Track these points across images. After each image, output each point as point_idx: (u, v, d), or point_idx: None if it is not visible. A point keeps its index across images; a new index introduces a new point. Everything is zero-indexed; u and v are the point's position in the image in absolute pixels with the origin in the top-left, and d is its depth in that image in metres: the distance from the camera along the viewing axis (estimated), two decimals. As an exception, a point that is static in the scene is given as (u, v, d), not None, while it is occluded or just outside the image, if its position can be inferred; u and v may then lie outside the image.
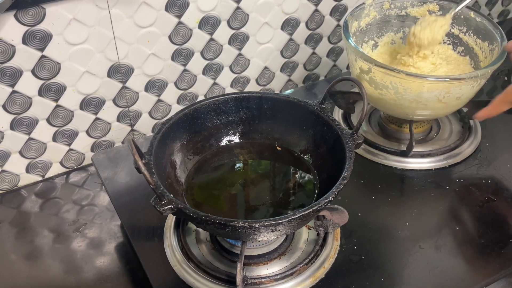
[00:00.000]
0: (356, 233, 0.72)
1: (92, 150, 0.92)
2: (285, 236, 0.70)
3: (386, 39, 0.95)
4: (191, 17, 0.87)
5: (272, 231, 0.57)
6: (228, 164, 0.73)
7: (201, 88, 0.98)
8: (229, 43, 0.94)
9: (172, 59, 0.90)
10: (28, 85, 0.79)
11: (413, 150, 0.84)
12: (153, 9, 0.82)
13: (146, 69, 0.88)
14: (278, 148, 0.74)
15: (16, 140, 0.83)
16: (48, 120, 0.84)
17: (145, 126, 0.96)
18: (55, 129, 0.86)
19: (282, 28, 0.99)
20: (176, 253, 0.68)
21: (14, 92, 0.78)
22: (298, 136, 0.74)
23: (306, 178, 0.71)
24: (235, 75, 1.00)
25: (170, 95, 0.95)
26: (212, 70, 0.96)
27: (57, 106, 0.83)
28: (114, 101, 0.89)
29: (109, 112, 0.90)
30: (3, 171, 0.85)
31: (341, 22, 1.05)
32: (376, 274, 0.67)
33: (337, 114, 0.95)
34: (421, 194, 0.79)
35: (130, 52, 0.85)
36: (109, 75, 0.85)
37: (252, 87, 1.04)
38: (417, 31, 0.83)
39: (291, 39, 1.02)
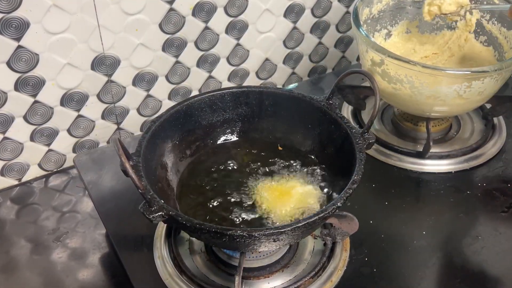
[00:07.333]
0: (367, 242, 0.72)
1: (74, 151, 0.92)
2: (288, 246, 0.70)
3: (400, 27, 0.95)
4: (183, 3, 0.87)
5: (274, 241, 0.57)
6: (225, 166, 0.73)
7: (195, 82, 0.98)
8: (226, 32, 0.94)
9: (163, 50, 0.90)
10: (3, 78, 0.79)
11: (431, 150, 0.84)
12: (141, -6, 0.83)
13: (134, 61, 0.88)
14: (280, 148, 0.74)
15: (-10, 140, 0.83)
16: (25, 118, 0.84)
17: (133, 124, 0.96)
18: (33, 127, 0.86)
19: (285, 16, 0.99)
20: (167, 265, 0.68)
21: (-13, 86, 0.79)
22: (303, 135, 0.74)
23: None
24: (232, 68, 1.00)
25: (161, 89, 0.95)
26: (207, 62, 0.96)
27: (35, 102, 0.84)
28: (98, 96, 0.89)
29: (92, 109, 0.90)
30: (-25, 174, 0.86)
31: (351, 9, 1.05)
32: (390, 289, 0.67)
33: (346, 110, 0.95)
34: (440, 199, 0.79)
35: (116, 42, 0.85)
36: (93, 68, 0.85)
37: (252, 81, 1.04)
38: None
39: (295, 28, 1.02)
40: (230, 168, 0.73)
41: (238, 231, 0.54)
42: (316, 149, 0.73)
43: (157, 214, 0.56)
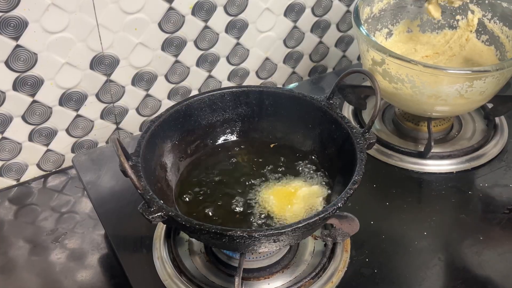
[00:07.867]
0: (368, 243, 0.72)
1: (72, 151, 0.92)
2: (288, 247, 0.70)
3: (401, 27, 0.95)
4: (183, 2, 0.87)
5: (274, 242, 0.57)
6: (224, 166, 0.73)
7: (195, 82, 0.98)
8: (226, 31, 0.94)
9: (162, 49, 0.90)
10: (1, 78, 0.79)
11: (432, 151, 0.84)
12: (141, -7, 0.83)
13: (133, 60, 0.88)
14: (270, 146, 0.75)
15: (-12, 140, 0.83)
16: (23, 118, 0.84)
17: (132, 124, 0.96)
18: (31, 127, 0.86)
19: (285, 15, 0.99)
20: (166, 266, 0.68)
21: (-15, 86, 0.79)
22: (303, 135, 0.74)
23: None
24: (232, 67, 1.00)
25: (160, 89, 0.95)
26: (207, 61, 0.96)
27: (34, 101, 0.84)
28: (97, 96, 0.89)
29: (91, 109, 0.90)
30: (-27, 174, 0.86)
31: (351, 8, 1.05)
32: (391, 290, 0.67)
33: (347, 110, 0.95)
34: (441, 200, 0.79)
35: (115, 41, 0.85)
36: (91, 67, 0.85)
37: (252, 81, 1.04)
38: None
39: (295, 27, 1.02)
40: (230, 168, 0.73)
41: (238, 232, 0.54)
42: (317, 149, 0.73)
43: (156, 215, 0.56)
